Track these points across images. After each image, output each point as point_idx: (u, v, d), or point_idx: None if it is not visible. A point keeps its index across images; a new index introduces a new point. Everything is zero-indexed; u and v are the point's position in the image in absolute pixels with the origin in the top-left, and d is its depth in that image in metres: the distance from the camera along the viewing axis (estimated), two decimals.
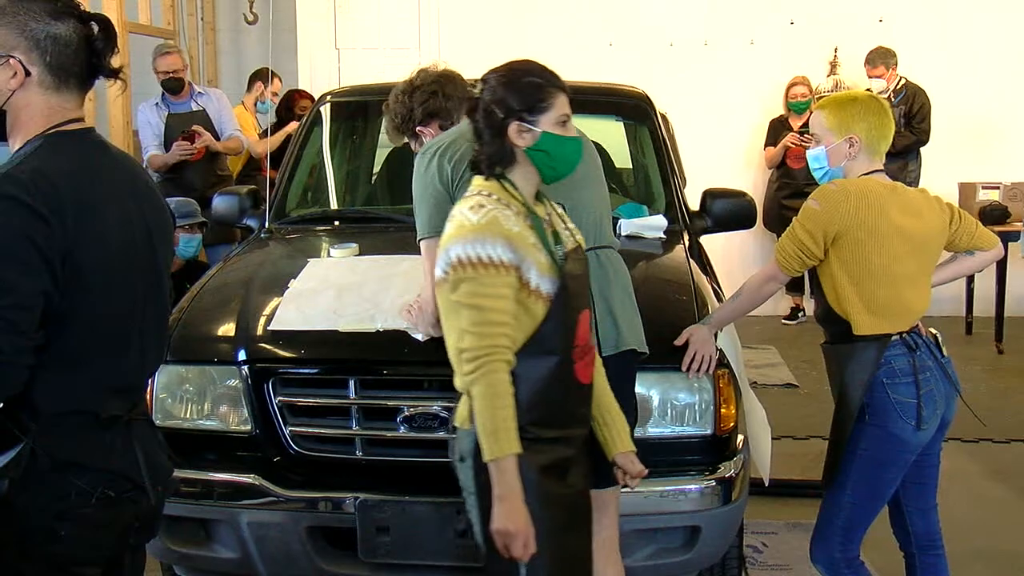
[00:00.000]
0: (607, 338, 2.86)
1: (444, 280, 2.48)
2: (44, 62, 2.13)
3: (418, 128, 3.13)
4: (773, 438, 3.70)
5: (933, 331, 3.17)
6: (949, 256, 3.31)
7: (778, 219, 8.07)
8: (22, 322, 2.01)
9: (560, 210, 2.74)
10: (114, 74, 2.25)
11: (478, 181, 2.60)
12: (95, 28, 2.18)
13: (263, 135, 7.53)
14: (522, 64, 2.61)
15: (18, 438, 2.09)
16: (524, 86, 2.56)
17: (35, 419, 2.10)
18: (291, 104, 7.91)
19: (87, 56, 2.17)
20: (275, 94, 8.01)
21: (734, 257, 8.15)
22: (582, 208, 2.94)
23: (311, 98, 7.50)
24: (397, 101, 3.16)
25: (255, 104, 7.96)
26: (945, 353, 3.14)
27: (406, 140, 3.21)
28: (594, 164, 3.13)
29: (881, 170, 3.15)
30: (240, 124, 7.43)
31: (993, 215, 7.43)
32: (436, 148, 2.93)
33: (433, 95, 3.10)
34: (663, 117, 4.99)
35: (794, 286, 8.09)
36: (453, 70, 3.22)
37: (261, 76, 7.93)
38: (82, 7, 2.21)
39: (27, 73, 2.12)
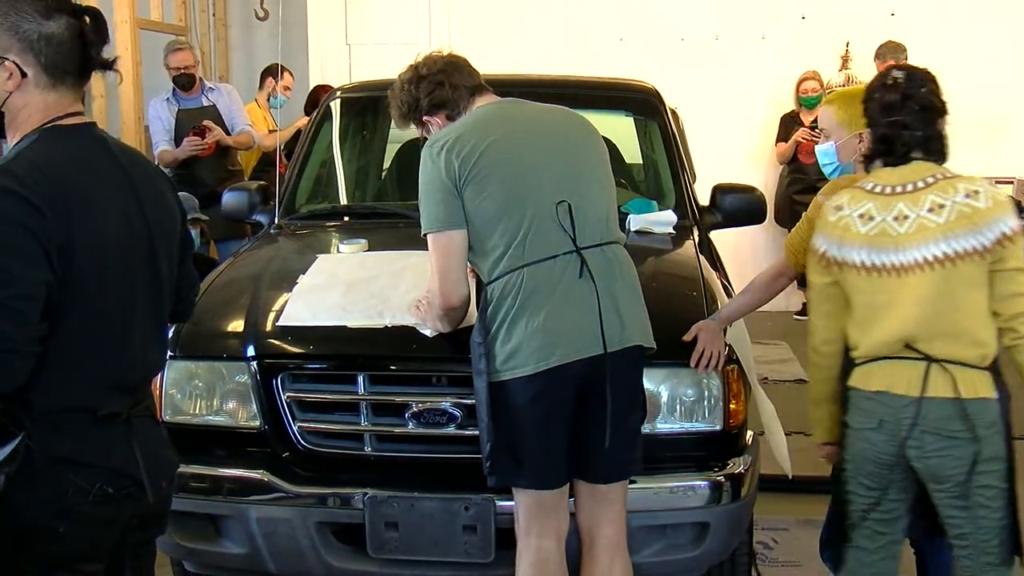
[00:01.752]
0: (612, 334, 2.85)
1: (1000, 245, 2.69)
2: (39, 63, 2.14)
3: (424, 118, 3.10)
4: (784, 434, 3.69)
5: None
6: None
7: (790, 214, 8.04)
8: (28, 311, 2.02)
9: None
10: (108, 66, 2.25)
11: (934, 166, 2.82)
12: (87, 22, 2.18)
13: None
14: None
15: (13, 433, 2.09)
16: None
17: (30, 416, 2.10)
18: (317, 100, 7.90)
19: (80, 51, 2.18)
20: (287, 88, 8.01)
21: (745, 252, 8.12)
22: (588, 204, 2.93)
23: None
24: (403, 90, 3.11)
25: (267, 99, 7.96)
26: None
27: (413, 127, 3.18)
28: (601, 159, 3.11)
29: None
30: (251, 120, 7.44)
31: None
32: (444, 142, 2.91)
33: (439, 85, 3.04)
34: (672, 112, 4.98)
35: (806, 282, 8.05)
36: (459, 56, 3.16)
37: (272, 72, 7.95)
38: (75, 1, 2.21)
39: (23, 75, 2.13)
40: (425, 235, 2.94)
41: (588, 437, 2.89)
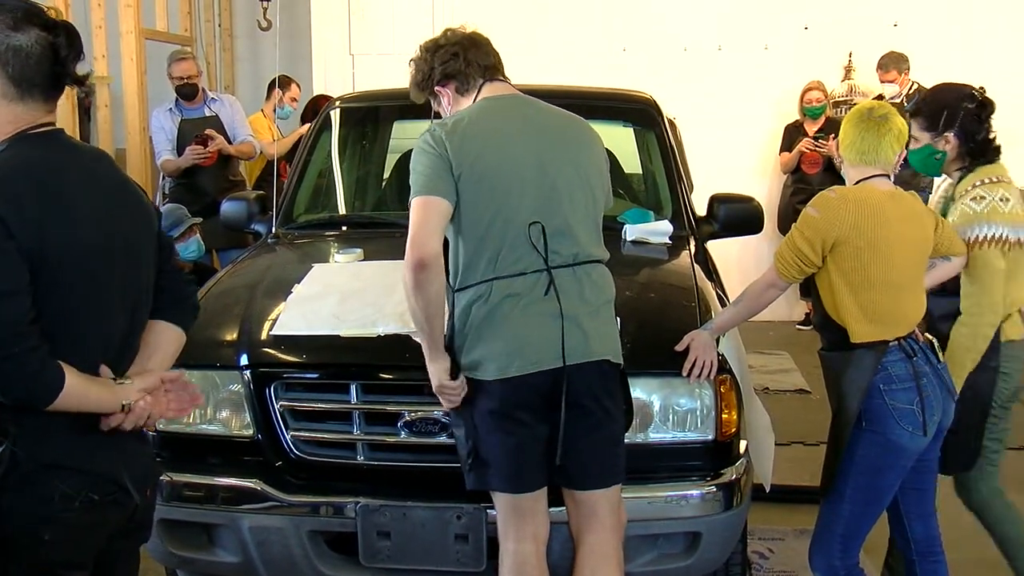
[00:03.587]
0: (574, 348, 2.86)
1: None
2: (6, 74, 2.15)
3: (436, 87, 3.11)
4: (783, 444, 3.69)
5: (929, 336, 3.16)
6: (929, 262, 3.29)
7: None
8: (7, 316, 2.04)
9: None
10: (79, 82, 2.26)
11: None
12: (60, 36, 2.18)
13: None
14: None
15: None
16: None
17: (14, 421, 2.11)
18: (317, 109, 7.93)
19: (51, 65, 2.18)
20: (294, 99, 8.04)
21: (749, 262, 8.12)
22: (565, 224, 2.93)
23: None
24: (420, 58, 3.14)
25: (274, 110, 7.99)
26: (941, 358, 3.13)
27: (427, 97, 3.18)
28: (592, 171, 3.07)
29: (881, 175, 3.13)
30: (256, 129, 7.47)
31: None
32: (447, 129, 2.91)
33: (454, 56, 3.06)
34: (670, 122, 4.98)
35: (809, 291, 8.03)
36: (481, 35, 3.17)
37: (280, 83, 8.00)
38: (64, 15, 2.22)
39: None
40: (410, 201, 2.89)
41: (559, 446, 2.89)
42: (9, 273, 2.05)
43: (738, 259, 7.72)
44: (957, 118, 3.42)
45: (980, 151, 3.46)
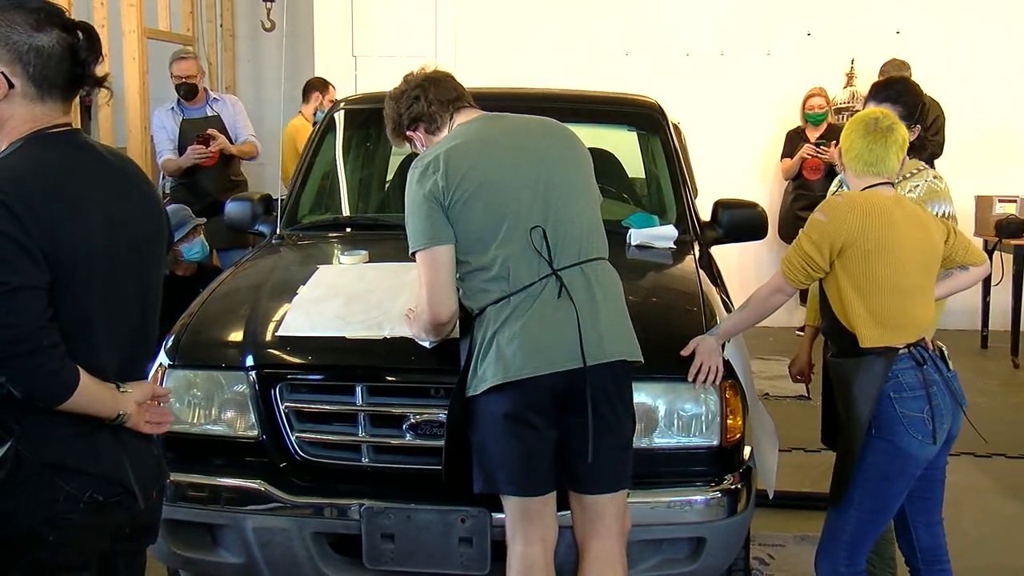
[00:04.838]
0: (590, 349, 2.87)
1: None
2: (27, 74, 2.15)
3: (408, 132, 3.18)
4: (784, 450, 3.68)
5: (939, 344, 3.16)
6: (943, 272, 3.29)
7: (794, 230, 7.91)
8: (26, 307, 2.03)
9: None
10: (98, 83, 2.27)
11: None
12: (80, 37, 2.19)
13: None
14: None
15: (2, 439, 2.09)
16: None
17: (18, 421, 2.10)
18: None
19: (70, 66, 2.18)
20: (331, 101, 8.02)
21: (749, 268, 8.14)
22: (566, 224, 2.95)
23: None
24: (389, 107, 3.21)
25: (314, 113, 7.96)
26: (951, 367, 3.13)
27: (404, 142, 3.26)
28: (581, 170, 3.11)
29: (886, 183, 3.14)
30: (303, 133, 7.44)
31: (1009, 228, 7.37)
32: (428, 163, 2.96)
33: (416, 100, 3.12)
34: (675, 127, 4.98)
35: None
36: (442, 71, 3.22)
37: (317, 86, 7.99)
38: (68, 14, 2.22)
39: (10, 85, 2.14)
40: (413, 253, 2.97)
41: (570, 449, 2.91)
42: (29, 269, 2.04)
43: (738, 265, 7.73)
44: (924, 112, 3.65)
45: (922, 146, 3.69)
